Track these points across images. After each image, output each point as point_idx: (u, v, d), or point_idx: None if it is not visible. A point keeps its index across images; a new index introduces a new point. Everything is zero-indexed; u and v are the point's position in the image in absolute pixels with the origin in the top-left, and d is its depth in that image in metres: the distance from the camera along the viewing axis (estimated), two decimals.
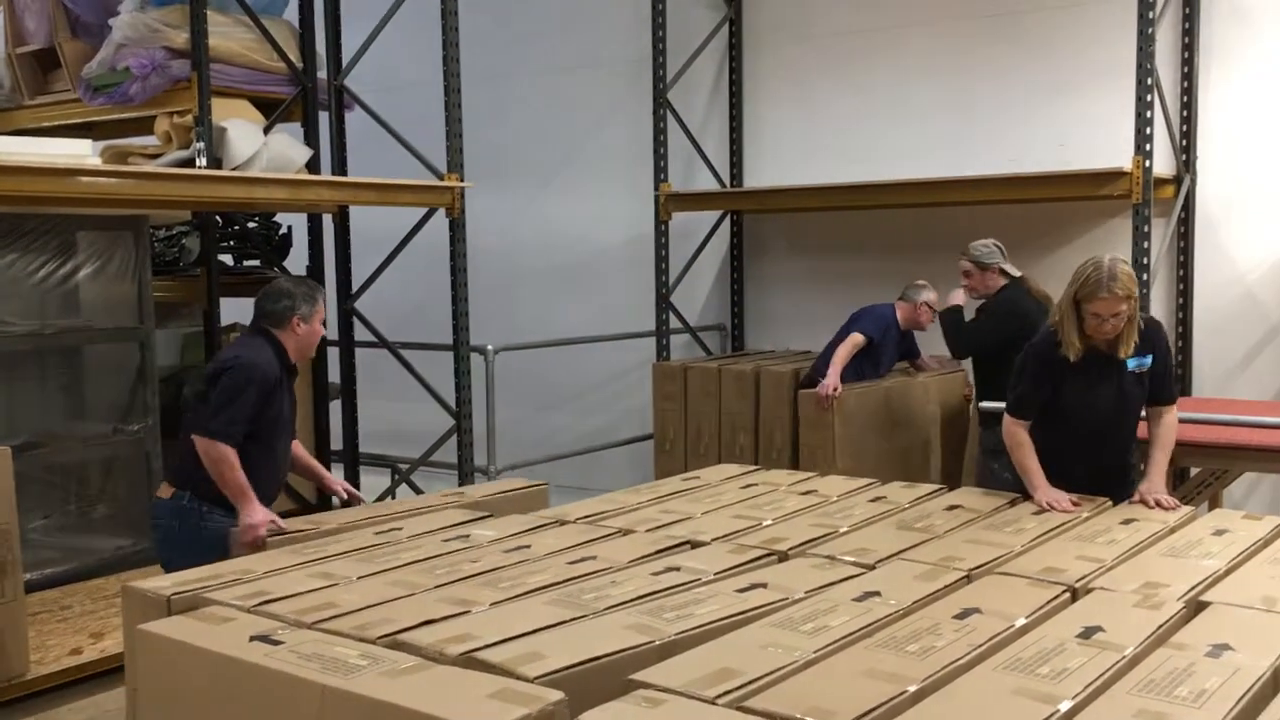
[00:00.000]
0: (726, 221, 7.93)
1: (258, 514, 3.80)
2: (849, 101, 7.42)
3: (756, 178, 7.85)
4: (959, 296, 5.59)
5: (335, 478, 4.47)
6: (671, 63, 7.51)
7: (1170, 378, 3.96)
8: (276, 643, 2.41)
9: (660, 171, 7.51)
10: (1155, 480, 3.81)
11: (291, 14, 6.60)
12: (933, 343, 6.31)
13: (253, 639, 2.44)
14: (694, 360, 7.46)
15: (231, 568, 3.07)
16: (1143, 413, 3.97)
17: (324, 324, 4.18)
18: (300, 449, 4.27)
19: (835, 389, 5.90)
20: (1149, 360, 3.85)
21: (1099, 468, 3.92)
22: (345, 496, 4.35)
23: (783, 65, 7.71)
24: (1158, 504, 3.68)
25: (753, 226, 7.95)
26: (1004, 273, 5.48)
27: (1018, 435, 3.91)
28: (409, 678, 2.20)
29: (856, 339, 6.01)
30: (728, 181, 7.86)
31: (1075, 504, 3.67)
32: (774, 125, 7.79)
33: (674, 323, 7.74)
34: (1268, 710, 2.06)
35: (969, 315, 5.59)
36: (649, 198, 7.62)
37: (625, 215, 8.15)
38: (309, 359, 4.09)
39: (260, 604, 2.71)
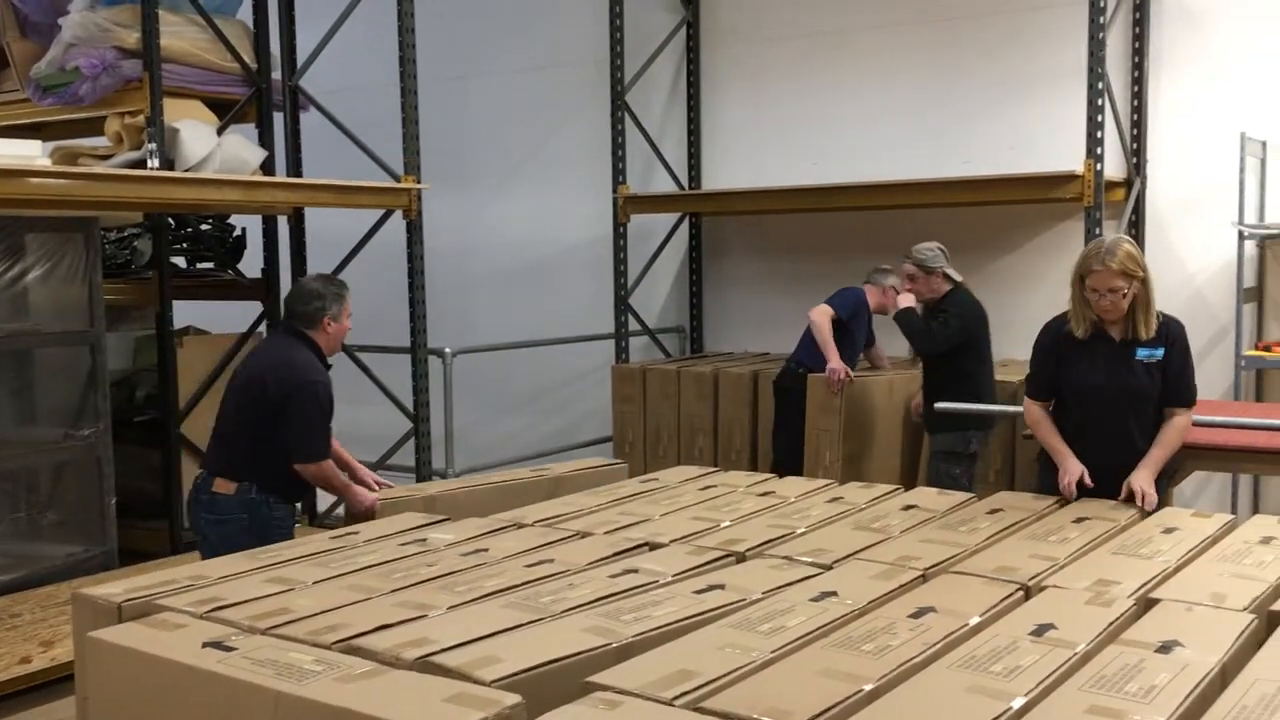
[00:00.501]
0: (685, 223, 7.95)
1: (366, 495, 4.26)
2: (806, 104, 7.47)
3: (715, 180, 7.88)
4: (908, 299, 5.62)
5: (366, 470, 4.63)
6: (629, 65, 7.52)
7: (1187, 380, 3.88)
8: (229, 649, 2.38)
9: (618, 174, 7.52)
10: (1140, 472, 3.74)
11: (245, 14, 6.54)
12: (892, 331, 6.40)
13: (205, 645, 2.40)
14: (653, 362, 7.48)
15: (184, 573, 3.03)
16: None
17: (350, 319, 4.40)
18: (335, 442, 4.45)
19: (846, 372, 5.93)
20: (1160, 353, 3.80)
21: (1110, 458, 3.80)
22: (376, 489, 4.46)
23: (740, 68, 7.75)
24: (1131, 495, 3.67)
25: (711, 228, 7.98)
26: (948, 277, 5.52)
27: (1033, 413, 4.02)
28: (364, 683, 2.18)
29: (825, 310, 6.00)
30: (686, 183, 7.88)
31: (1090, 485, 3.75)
32: (732, 127, 7.82)
33: (633, 325, 7.75)
34: (1216, 705, 2.09)
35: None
36: (607, 200, 7.62)
37: (583, 217, 8.15)
38: (335, 353, 4.46)
39: (213, 610, 2.68)
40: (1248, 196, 5.87)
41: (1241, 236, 5.87)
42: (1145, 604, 2.69)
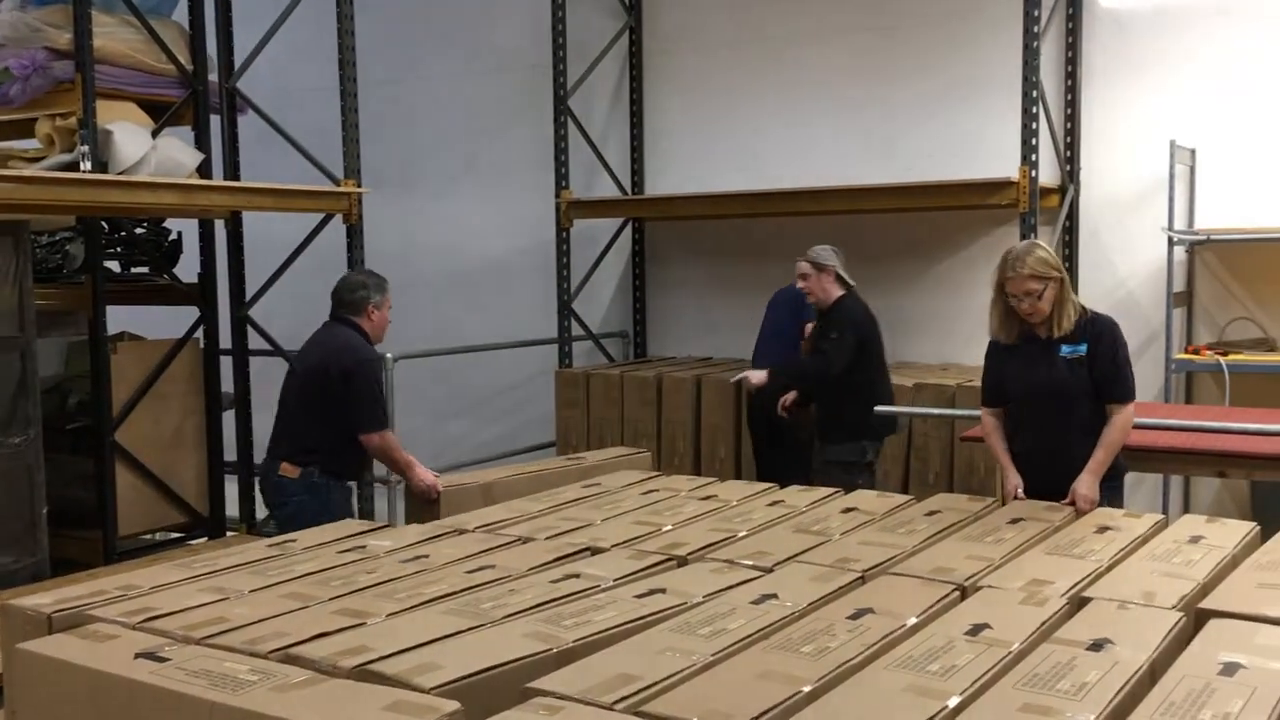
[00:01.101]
0: (628, 228, 7.96)
1: (427, 476, 4.54)
2: (748, 110, 7.51)
3: (658, 185, 7.90)
4: (759, 376, 5.66)
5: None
6: (572, 70, 7.52)
7: (1119, 375, 3.90)
8: (163, 659, 2.34)
9: (561, 178, 7.51)
10: (1083, 477, 3.80)
11: (181, 15, 6.43)
12: None
13: (138, 656, 2.37)
14: (596, 367, 7.48)
15: (116, 583, 2.97)
16: None
17: (390, 310, 4.79)
18: None
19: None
20: (1083, 349, 3.87)
21: (1046, 454, 3.90)
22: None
23: (683, 73, 7.78)
24: (1074, 500, 3.73)
25: (654, 233, 8.00)
26: (841, 280, 5.53)
27: (985, 423, 4.14)
28: (300, 692, 2.15)
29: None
30: (629, 188, 7.89)
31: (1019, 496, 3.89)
32: (674, 133, 7.84)
33: (576, 329, 7.74)
34: (1145, 701, 2.13)
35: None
36: (550, 204, 7.61)
37: (526, 222, 8.13)
38: (379, 342, 4.80)
39: (146, 620, 2.63)
40: (1177, 203, 6.01)
41: (1171, 242, 6.00)
42: (1078, 603, 2.74)
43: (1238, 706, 2.08)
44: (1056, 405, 3.93)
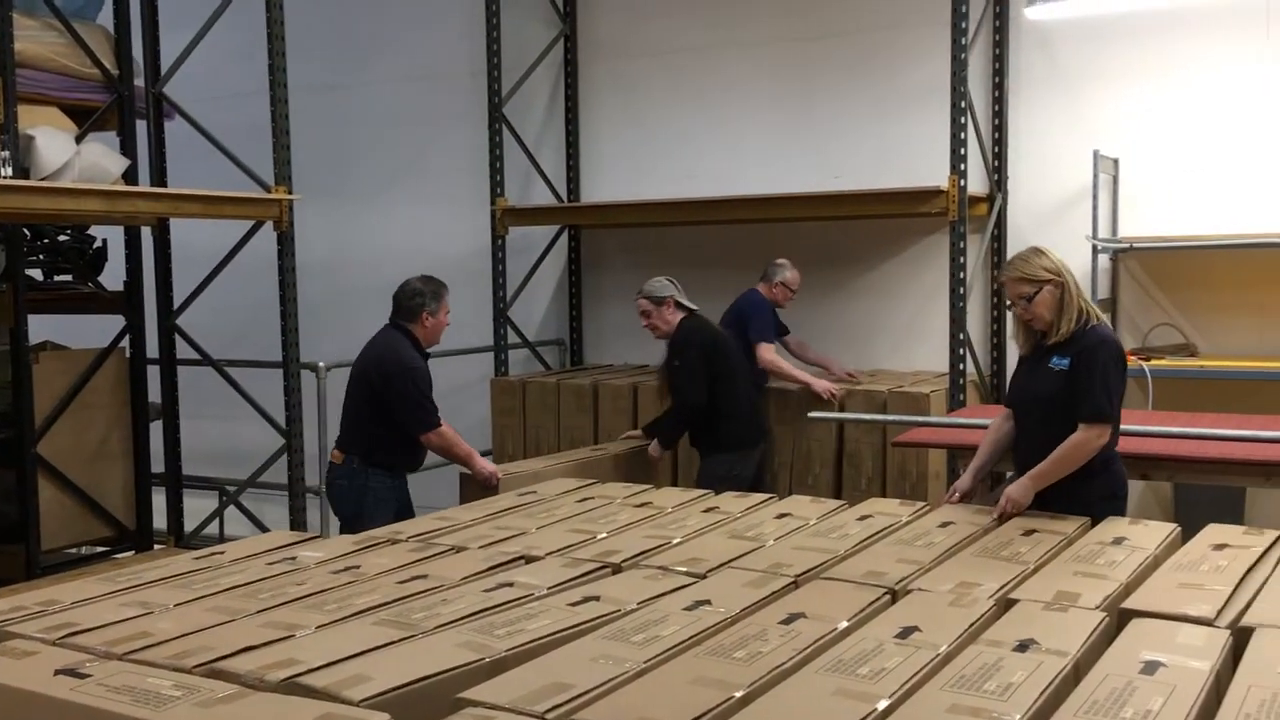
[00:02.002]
0: (564, 236, 7.95)
1: (487, 466, 5.05)
2: (683, 118, 7.55)
3: (594, 192, 7.91)
4: (656, 449, 5.71)
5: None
6: (507, 77, 7.50)
7: (1091, 394, 3.71)
8: (84, 676, 2.29)
9: (496, 186, 7.49)
10: (1021, 480, 3.77)
11: (106, 18, 6.32)
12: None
13: (58, 673, 2.31)
14: (532, 375, 7.46)
15: (36, 599, 2.90)
16: None
17: (448, 315, 5.15)
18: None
19: (831, 391, 6.16)
20: (1066, 363, 3.78)
21: (1032, 463, 3.82)
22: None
23: (618, 81, 7.80)
24: (1003, 506, 3.70)
25: (590, 241, 8.00)
26: (680, 305, 5.60)
27: (992, 422, 4.14)
28: (225, 707, 2.12)
29: (766, 348, 6.18)
30: (565, 196, 7.89)
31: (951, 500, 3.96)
32: (610, 140, 7.86)
33: (512, 337, 7.71)
34: (1069, 700, 2.17)
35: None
36: (485, 212, 7.58)
37: (461, 229, 8.08)
38: (434, 345, 5.15)
39: (66, 636, 2.57)
40: (1101, 212, 6.14)
41: (1095, 250, 6.13)
42: (1005, 604, 2.78)
43: (1158, 704, 2.13)
44: (1038, 416, 3.88)
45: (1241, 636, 2.50)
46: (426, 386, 4.93)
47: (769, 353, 6.18)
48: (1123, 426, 4.05)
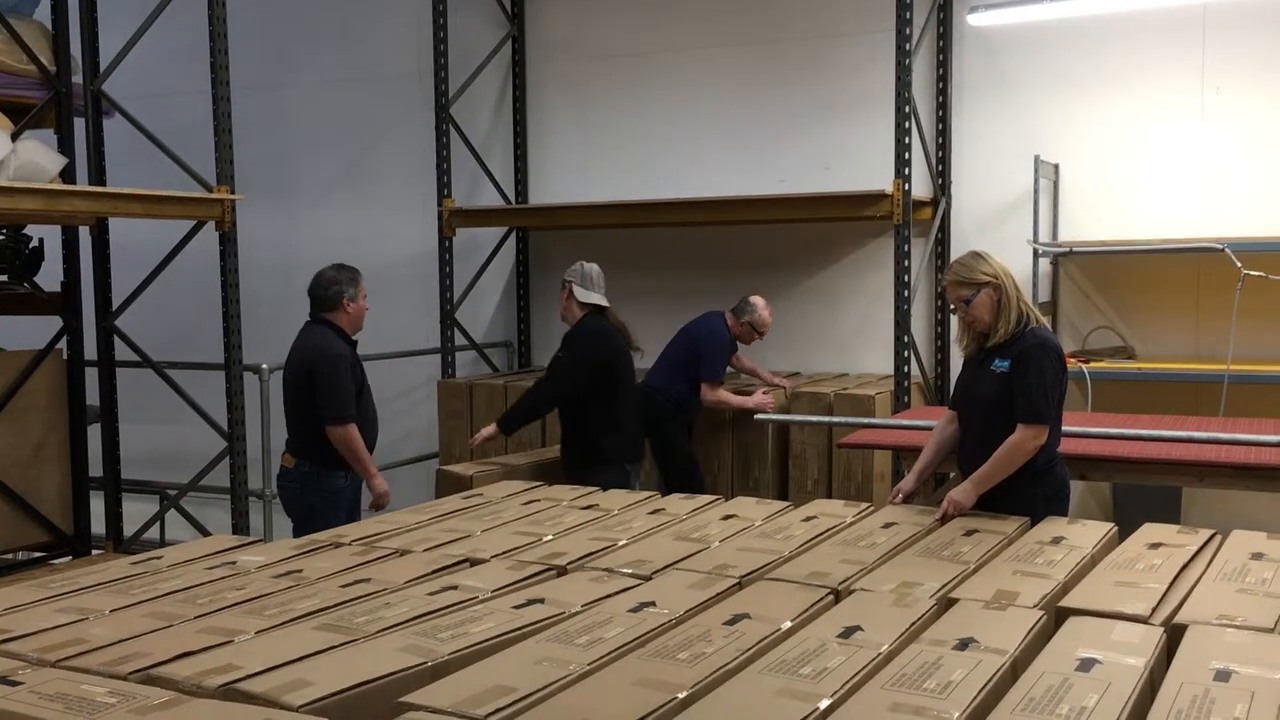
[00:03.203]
0: (512, 238, 7.93)
1: (382, 484, 4.97)
2: (630, 121, 7.56)
3: (541, 194, 7.89)
4: (489, 430, 5.55)
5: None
6: (454, 77, 7.46)
7: (1028, 396, 3.73)
8: (15, 683, 2.24)
9: (444, 187, 7.44)
10: (963, 485, 3.80)
11: (44, 14, 6.19)
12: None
13: None
14: (480, 377, 7.43)
15: None
16: None
17: (366, 299, 5.09)
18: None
19: (765, 404, 6.15)
20: (1006, 365, 3.81)
21: (976, 465, 3.85)
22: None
23: (566, 83, 7.79)
24: (945, 508, 3.73)
25: (538, 243, 7.98)
26: (584, 302, 5.39)
27: (938, 424, 4.15)
28: (161, 714, 2.08)
29: (712, 387, 6.17)
30: (513, 198, 7.86)
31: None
32: (558, 142, 7.85)
33: (459, 339, 7.67)
34: (1007, 697, 2.20)
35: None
36: (432, 213, 7.54)
37: (408, 231, 8.03)
38: (359, 331, 5.11)
39: None
40: (1041, 216, 6.24)
41: (1036, 254, 6.22)
42: (945, 603, 2.81)
43: (1093, 701, 2.16)
44: (980, 418, 3.90)
45: (1175, 634, 2.54)
46: (349, 378, 4.88)
47: (712, 392, 6.17)
48: (1064, 427, 4.11)
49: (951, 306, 4.00)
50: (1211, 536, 3.43)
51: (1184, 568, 3.09)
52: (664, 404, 6.14)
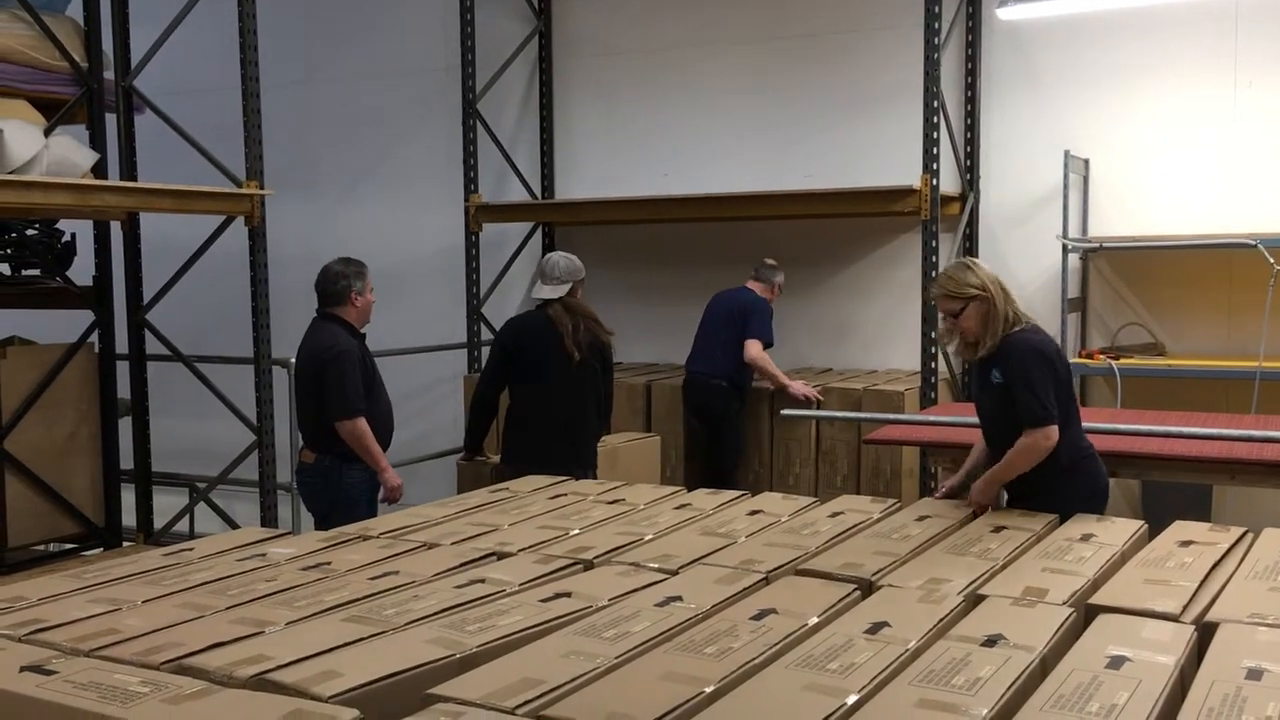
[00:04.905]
0: (538, 233, 7.94)
1: (394, 477, 4.96)
2: (657, 116, 7.56)
3: (567, 189, 7.90)
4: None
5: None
6: (481, 73, 7.48)
7: (1023, 404, 3.73)
8: (50, 673, 2.27)
9: (470, 182, 7.47)
10: (978, 483, 3.82)
11: (76, 11, 6.25)
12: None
13: (23, 669, 2.28)
14: None
15: (2, 595, 2.87)
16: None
17: (373, 292, 5.11)
18: None
19: (812, 394, 6.21)
20: (1000, 375, 3.81)
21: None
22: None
23: (592, 78, 7.79)
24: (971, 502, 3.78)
25: (564, 238, 7.99)
26: (538, 295, 5.20)
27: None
28: (194, 703, 2.10)
29: (756, 344, 6.25)
30: (539, 193, 7.87)
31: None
32: (584, 137, 7.85)
33: (485, 334, 7.69)
34: (1036, 695, 2.19)
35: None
36: (459, 208, 7.56)
37: (435, 225, 8.06)
38: (366, 324, 5.12)
39: (33, 633, 2.55)
40: (1071, 211, 6.19)
41: (1065, 249, 6.18)
42: (973, 600, 2.80)
43: (1123, 699, 2.15)
44: (993, 432, 3.93)
45: (1206, 632, 2.52)
46: (358, 371, 4.87)
47: (757, 349, 6.22)
48: (1091, 424, 4.09)
49: (940, 316, 3.96)
50: (1243, 535, 3.39)
51: (1215, 566, 3.06)
52: (720, 388, 6.25)
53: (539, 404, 5.17)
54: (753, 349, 6.22)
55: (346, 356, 4.86)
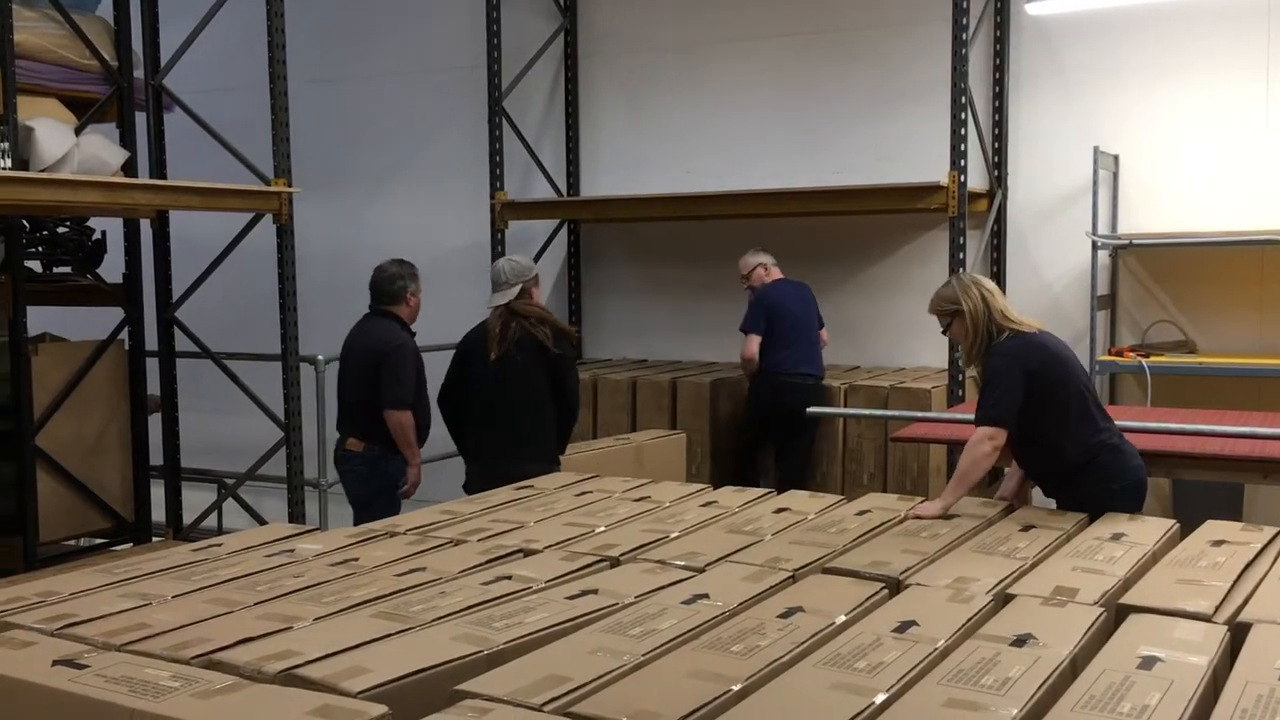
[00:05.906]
0: (564, 230, 7.95)
1: (418, 473, 5.25)
2: (683, 113, 7.55)
3: (593, 187, 7.90)
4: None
5: None
6: (507, 71, 7.49)
7: (983, 398, 3.83)
8: (82, 666, 2.29)
9: (496, 180, 7.48)
10: (932, 502, 3.76)
11: (106, 10, 6.30)
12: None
13: (56, 663, 2.31)
14: None
15: (35, 590, 2.90)
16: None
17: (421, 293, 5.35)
18: None
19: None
20: None
21: (1030, 471, 4.00)
22: None
23: (618, 76, 7.79)
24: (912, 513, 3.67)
25: (589, 235, 8.00)
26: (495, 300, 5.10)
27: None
28: (224, 698, 2.12)
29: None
30: (564, 190, 7.88)
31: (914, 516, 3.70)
32: (610, 134, 7.85)
33: None
34: (1066, 695, 2.17)
35: None
36: (485, 206, 7.57)
37: (461, 223, 8.08)
38: (414, 321, 5.35)
39: (65, 627, 2.57)
40: (1101, 208, 6.14)
41: (1095, 246, 6.13)
42: (1002, 599, 2.78)
43: (1155, 699, 2.13)
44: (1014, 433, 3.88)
45: (1239, 632, 2.50)
46: (416, 365, 5.18)
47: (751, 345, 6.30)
48: (1121, 423, 4.05)
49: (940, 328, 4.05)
50: (1276, 534, 3.36)
51: (1248, 566, 3.03)
52: (825, 389, 6.29)
53: (472, 401, 5.10)
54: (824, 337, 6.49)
55: (407, 351, 5.14)
